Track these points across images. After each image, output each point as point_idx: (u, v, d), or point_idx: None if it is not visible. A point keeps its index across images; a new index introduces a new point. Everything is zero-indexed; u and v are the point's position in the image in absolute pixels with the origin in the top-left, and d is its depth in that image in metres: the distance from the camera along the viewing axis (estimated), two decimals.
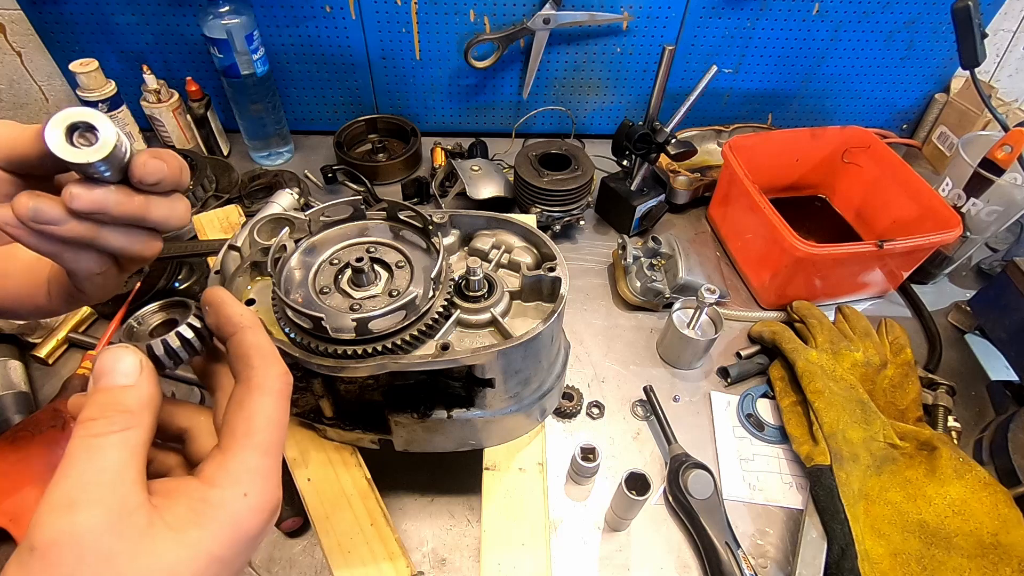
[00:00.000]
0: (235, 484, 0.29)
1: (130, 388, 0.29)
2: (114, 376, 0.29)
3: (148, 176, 0.36)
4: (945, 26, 1.09)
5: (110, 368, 0.29)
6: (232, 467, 0.29)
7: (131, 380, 0.29)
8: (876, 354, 0.80)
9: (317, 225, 0.57)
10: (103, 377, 0.29)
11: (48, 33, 1.06)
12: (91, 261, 0.40)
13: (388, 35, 1.08)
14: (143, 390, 0.29)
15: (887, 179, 0.95)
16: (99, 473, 0.26)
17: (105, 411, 0.28)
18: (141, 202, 0.37)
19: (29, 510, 0.61)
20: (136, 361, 0.29)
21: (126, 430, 0.27)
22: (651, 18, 1.07)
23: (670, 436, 0.73)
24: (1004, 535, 0.62)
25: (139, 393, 0.29)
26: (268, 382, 0.32)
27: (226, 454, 0.29)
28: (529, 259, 0.60)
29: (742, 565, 0.61)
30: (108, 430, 0.27)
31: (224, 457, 0.29)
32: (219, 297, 0.34)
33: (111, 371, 0.29)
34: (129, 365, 0.29)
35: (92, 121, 0.34)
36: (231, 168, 1.06)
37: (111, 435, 0.27)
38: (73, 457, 0.26)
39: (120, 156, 0.35)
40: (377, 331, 0.49)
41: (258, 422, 0.30)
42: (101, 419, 0.27)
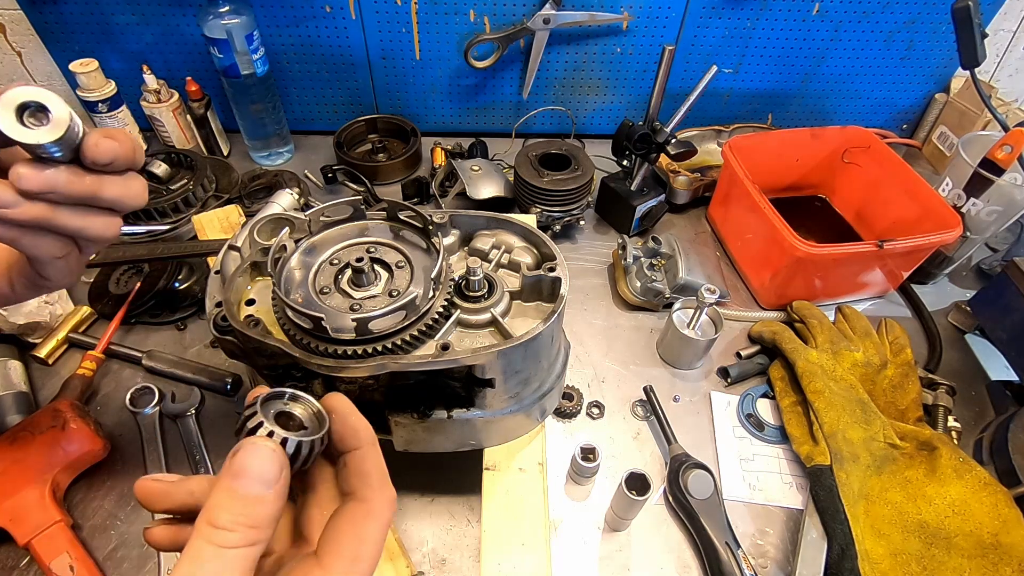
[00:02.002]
0: None
1: (267, 503, 0.27)
2: (254, 483, 0.27)
3: (101, 156, 0.36)
4: (945, 26, 1.09)
5: (253, 471, 0.27)
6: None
7: (269, 491, 0.27)
8: (876, 354, 0.80)
9: (317, 225, 0.57)
10: (243, 478, 0.27)
11: (48, 33, 1.06)
12: (50, 244, 0.39)
13: (388, 35, 1.08)
14: (276, 506, 0.27)
15: (887, 179, 0.95)
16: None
17: (239, 523, 0.26)
18: (93, 181, 0.36)
19: (29, 510, 0.61)
20: (279, 471, 0.27)
21: (253, 546, 0.26)
22: (651, 18, 1.07)
23: (670, 436, 0.73)
24: (1004, 535, 0.62)
25: (273, 510, 0.27)
26: (384, 508, 0.31)
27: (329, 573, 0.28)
28: (529, 259, 0.60)
29: (742, 565, 0.61)
30: (239, 544, 0.26)
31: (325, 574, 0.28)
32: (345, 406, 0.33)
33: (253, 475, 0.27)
34: (272, 474, 0.27)
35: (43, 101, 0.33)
36: (231, 168, 1.06)
37: (240, 549, 0.26)
38: (202, 560, 0.25)
39: (73, 136, 0.34)
40: (377, 331, 0.49)
41: (367, 549, 0.29)
42: (235, 532, 0.26)
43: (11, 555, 0.63)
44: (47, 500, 0.62)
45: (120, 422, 0.75)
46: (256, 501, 0.27)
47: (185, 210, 0.96)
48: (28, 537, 0.60)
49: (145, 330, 0.85)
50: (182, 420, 0.75)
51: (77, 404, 0.69)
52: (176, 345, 0.84)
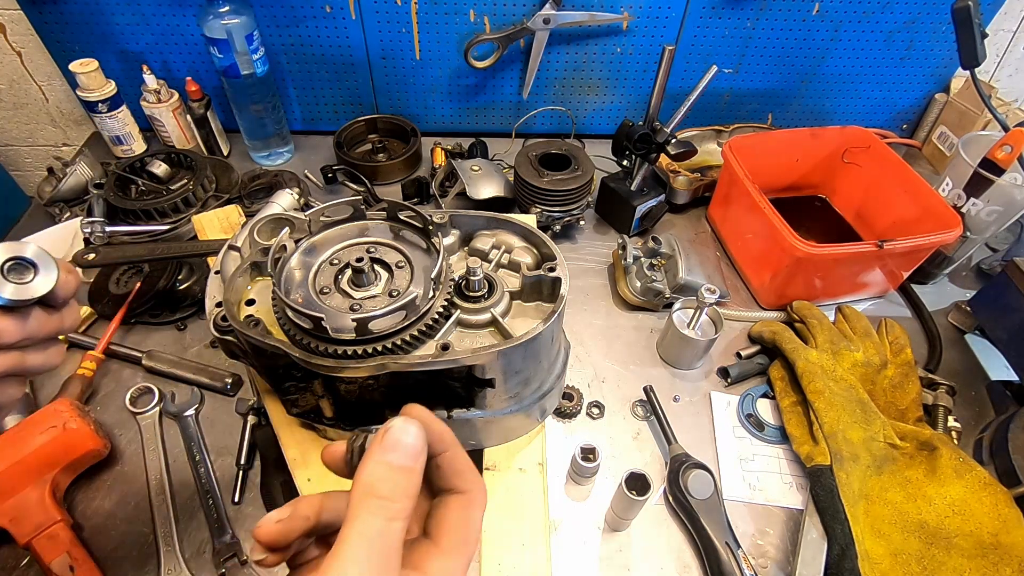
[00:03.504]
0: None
1: (416, 474, 0.29)
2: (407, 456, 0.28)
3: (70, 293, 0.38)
4: (945, 26, 1.09)
5: (406, 445, 0.28)
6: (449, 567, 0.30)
7: (417, 466, 0.29)
8: (876, 354, 0.80)
9: (317, 225, 0.57)
10: (398, 451, 0.28)
11: (48, 33, 1.06)
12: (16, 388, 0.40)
13: (388, 35, 1.08)
14: (420, 480, 0.29)
15: (887, 179, 0.95)
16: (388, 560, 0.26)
17: (399, 494, 0.27)
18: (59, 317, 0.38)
19: (29, 510, 0.61)
20: (423, 442, 0.29)
21: (407, 520, 0.28)
22: (651, 18, 1.07)
23: (670, 436, 0.73)
24: (1004, 535, 0.62)
25: (419, 482, 0.29)
26: (482, 497, 0.33)
27: (446, 554, 0.30)
28: (529, 259, 0.60)
29: (742, 565, 0.61)
30: (401, 516, 0.27)
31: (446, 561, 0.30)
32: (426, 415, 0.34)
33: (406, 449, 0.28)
34: (419, 447, 0.29)
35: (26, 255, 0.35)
36: (231, 168, 1.06)
37: (401, 522, 0.27)
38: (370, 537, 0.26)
39: None
40: (377, 331, 0.49)
41: (473, 533, 0.31)
42: (399, 504, 0.27)
43: (11, 555, 0.63)
44: (47, 500, 0.62)
45: (120, 422, 0.75)
46: (409, 472, 0.28)
47: (185, 210, 0.96)
48: (28, 537, 0.60)
49: (145, 330, 0.85)
50: (182, 420, 0.75)
51: (77, 404, 0.69)
52: (176, 345, 0.84)
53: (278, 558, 0.32)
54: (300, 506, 0.32)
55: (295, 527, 0.31)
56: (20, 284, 0.35)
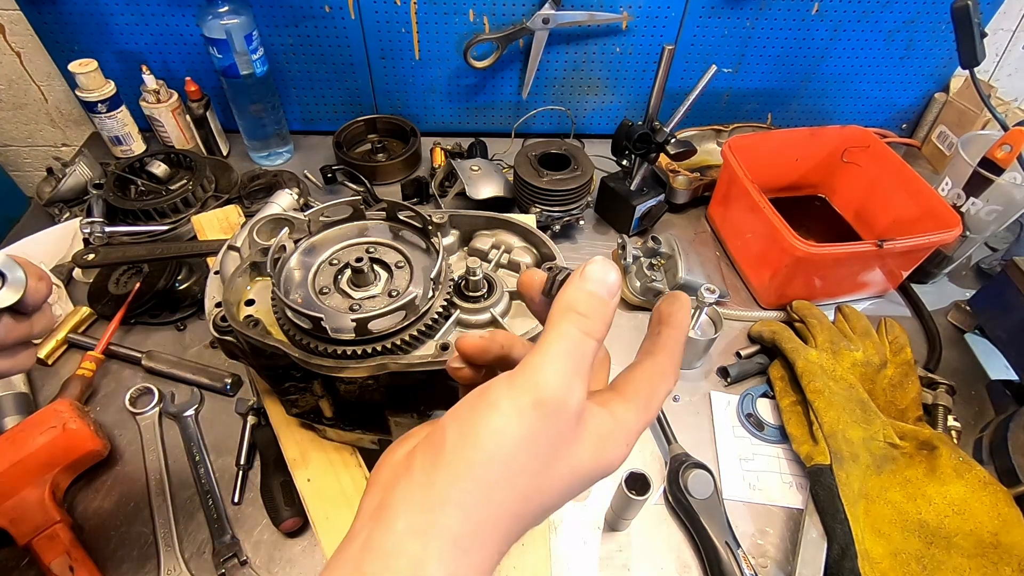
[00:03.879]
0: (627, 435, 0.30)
1: (611, 308, 0.29)
2: (603, 287, 0.28)
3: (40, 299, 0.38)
4: (945, 26, 1.09)
5: (601, 278, 0.29)
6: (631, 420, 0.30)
7: (612, 299, 0.29)
8: (876, 354, 0.80)
9: (317, 225, 0.57)
10: (595, 283, 0.29)
11: (48, 33, 1.06)
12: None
13: (388, 35, 1.08)
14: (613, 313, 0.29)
15: (887, 179, 0.95)
16: (583, 367, 0.27)
17: (596, 315, 0.28)
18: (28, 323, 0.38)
19: (29, 510, 0.61)
20: (619, 283, 0.30)
21: (599, 342, 0.28)
22: (651, 18, 1.07)
23: (670, 436, 0.73)
24: (1004, 535, 0.62)
25: (612, 314, 0.29)
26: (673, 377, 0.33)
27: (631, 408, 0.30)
28: (529, 259, 0.60)
29: (742, 565, 0.61)
30: (595, 335, 0.28)
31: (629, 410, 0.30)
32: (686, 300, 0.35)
33: (602, 280, 0.29)
34: (615, 285, 0.29)
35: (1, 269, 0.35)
36: (231, 168, 1.06)
37: (594, 340, 0.28)
38: (571, 340, 0.27)
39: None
40: (377, 331, 0.49)
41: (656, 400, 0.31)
42: (595, 321, 0.28)
43: (11, 555, 0.63)
44: (47, 500, 0.62)
45: (120, 422, 0.75)
46: (605, 302, 0.28)
47: (185, 210, 0.96)
48: (28, 537, 0.60)
49: (145, 330, 0.85)
50: (182, 420, 0.75)
51: (77, 404, 0.69)
52: (176, 345, 0.84)
53: (470, 373, 0.33)
54: (497, 335, 0.33)
55: (492, 348, 0.33)
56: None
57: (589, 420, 0.28)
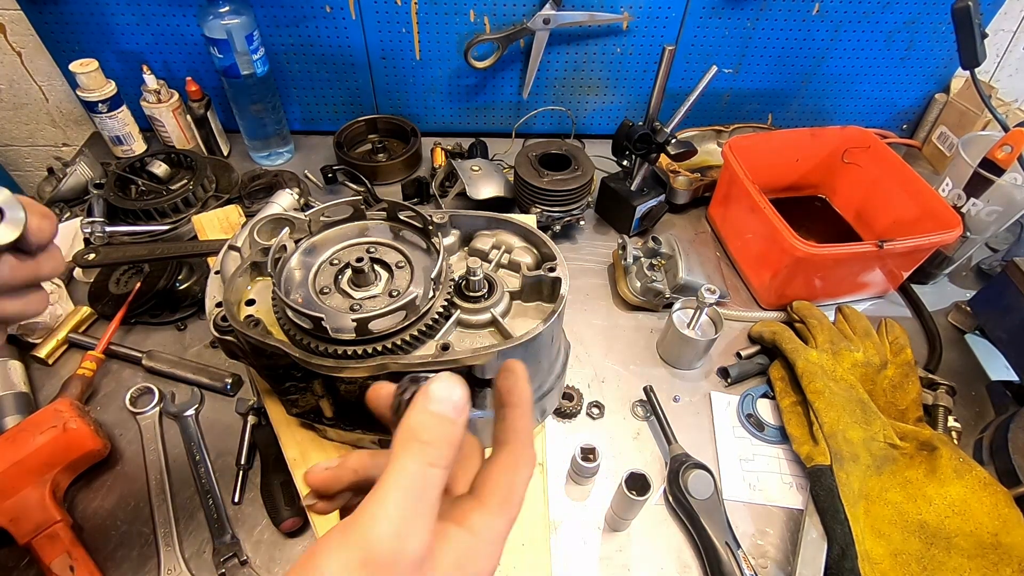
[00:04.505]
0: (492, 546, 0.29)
1: (459, 426, 0.28)
2: (449, 407, 0.28)
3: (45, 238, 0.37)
4: (945, 26, 1.09)
5: (446, 396, 0.28)
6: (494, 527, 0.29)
7: (459, 419, 0.28)
8: (876, 354, 0.80)
9: (317, 225, 0.57)
10: (441, 403, 0.28)
11: (48, 33, 1.06)
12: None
13: (388, 35, 1.08)
14: (463, 432, 0.29)
15: (887, 179, 0.95)
16: (426, 504, 0.26)
17: (442, 442, 0.27)
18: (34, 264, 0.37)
19: (29, 510, 0.61)
20: (466, 399, 0.29)
21: (446, 469, 0.27)
22: (651, 18, 1.07)
23: (670, 436, 0.73)
24: (1004, 535, 0.62)
25: (462, 434, 0.29)
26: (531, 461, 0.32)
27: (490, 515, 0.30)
28: (529, 259, 0.60)
29: (742, 565, 0.61)
30: (440, 463, 0.27)
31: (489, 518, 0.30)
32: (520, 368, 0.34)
33: (446, 400, 0.28)
34: (461, 402, 0.29)
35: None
36: (231, 168, 1.06)
37: (440, 469, 0.27)
38: (411, 477, 0.26)
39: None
40: (377, 331, 0.49)
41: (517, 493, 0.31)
42: (440, 449, 0.27)
43: (11, 555, 0.63)
44: (47, 500, 0.62)
45: (120, 422, 0.75)
46: (452, 423, 0.28)
47: (185, 210, 0.96)
48: (28, 537, 0.60)
49: (145, 330, 0.85)
50: (182, 420, 0.75)
51: (77, 404, 0.69)
52: (176, 345, 0.84)
53: (326, 505, 0.32)
54: (349, 459, 0.33)
55: (343, 476, 0.32)
56: None
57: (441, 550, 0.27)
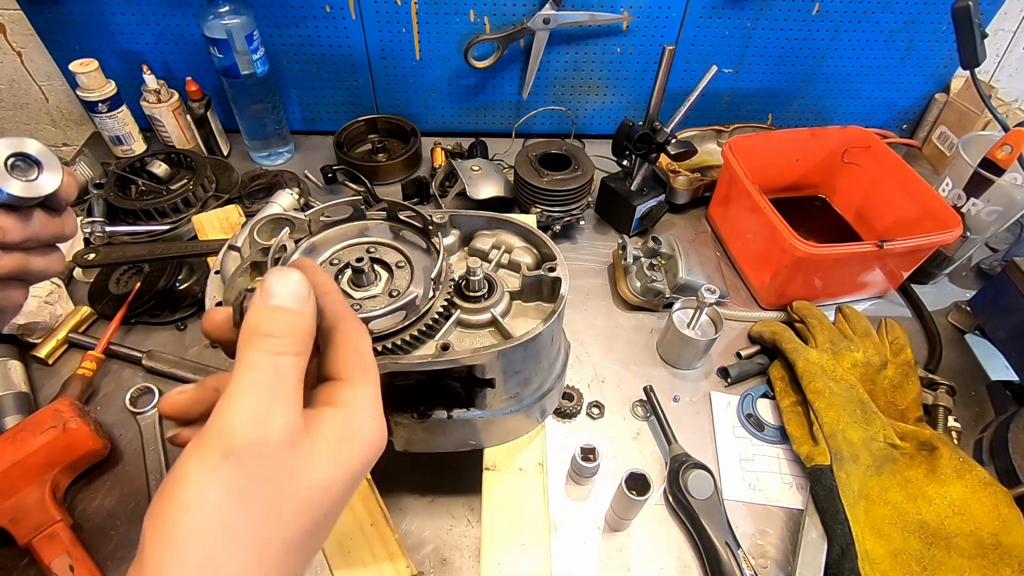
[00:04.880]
0: (369, 410, 0.30)
1: (304, 315, 0.28)
2: (286, 298, 0.28)
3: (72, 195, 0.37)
4: (945, 26, 1.09)
5: (282, 290, 0.28)
6: (362, 395, 0.30)
7: (302, 306, 0.28)
8: (876, 354, 0.80)
9: (317, 225, 0.57)
10: (277, 297, 0.28)
11: (48, 33, 1.06)
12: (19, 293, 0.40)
13: (388, 35, 1.08)
14: (312, 321, 0.29)
15: (887, 179, 0.95)
16: (282, 390, 0.26)
17: (284, 331, 0.27)
18: (60, 220, 0.38)
19: (29, 510, 0.61)
20: (307, 288, 0.29)
21: (299, 355, 0.27)
22: (651, 18, 1.07)
23: (670, 436, 0.73)
24: (1004, 535, 0.62)
25: (310, 323, 0.29)
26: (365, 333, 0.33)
27: (355, 386, 0.30)
28: (529, 259, 0.60)
29: (742, 565, 0.61)
30: (289, 351, 0.27)
31: (354, 388, 0.30)
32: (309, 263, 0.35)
33: (282, 292, 0.28)
34: (303, 291, 0.28)
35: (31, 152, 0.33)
36: (231, 168, 1.06)
37: (290, 356, 0.27)
38: (259, 369, 0.26)
39: None
40: (377, 331, 0.49)
41: (369, 360, 0.32)
42: (283, 338, 0.27)
43: (11, 555, 0.63)
44: (47, 500, 0.62)
45: (120, 422, 0.75)
46: (295, 313, 0.28)
47: (185, 210, 0.96)
48: (28, 537, 0.60)
49: (145, 330, 0.85)
50: None
51: (77, 404, 0.69)
52: (176, 345, 0.84)
53: (191, 432, 0.31)
54: (208, 380, 0.32)
55: (204, 397, 0.31)
56: (27, 181, 0.34)
57: (317, 428, 0.27)
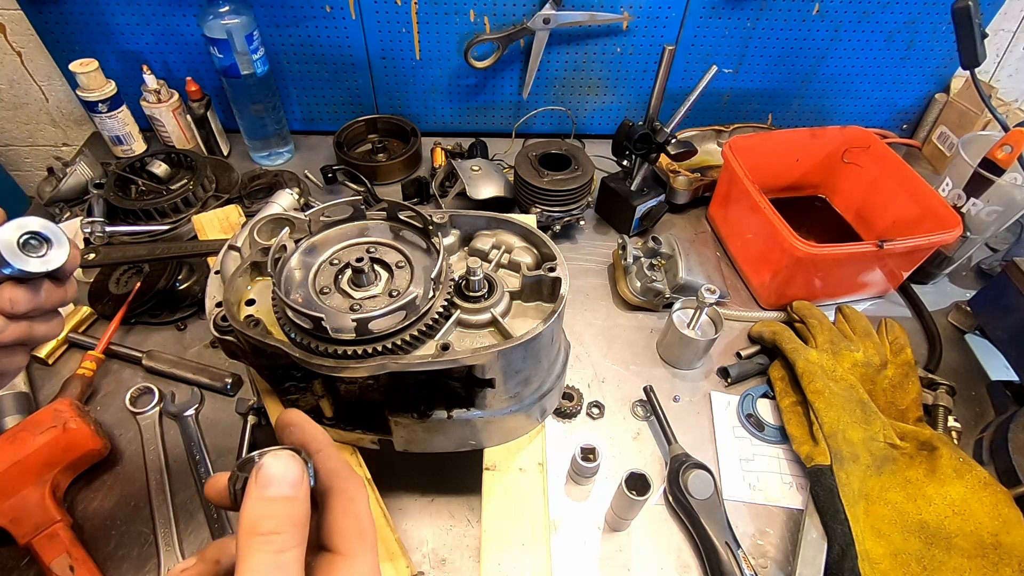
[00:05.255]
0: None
1: (300, 501, 0.29)
2: (285, 486, 0.28)
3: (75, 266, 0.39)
4: (945, 26, 1.09)
5: (282, 477, 0.28)
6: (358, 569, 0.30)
7: (299, 493, 0.29)
8: (876, 354, 0.80)
9: (317, 225, 0.57)
10: (274, 486, 0.28)
11: (48, 33, 1.06)
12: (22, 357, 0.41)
13: (388, 35, 1.08)
14: (307, 505, 0.29)
15: (887, 179, 0.95)
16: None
17: (285, 525, 0.28)
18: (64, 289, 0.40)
19: (29, 510, 0.61)
20: (301, 472, 0.29)
21: (299, 546, 0.28)
22: (651, 18, 1.07)
23: (670, 436, 0.73)
24: (1004, 535, 0.62)
25: (306, 508, 0.29)
26: (361, 491, 0.33)
27: (353, 560, 0.30)
28: (529, 259, 0.60)
29: (742, 565, 0.61)
30: (290, 546, 0.27)
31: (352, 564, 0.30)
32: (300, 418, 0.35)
33: (283, 481, 0.28)
34: (296, 474, 0.29)
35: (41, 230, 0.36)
36: (231, 168, 1.06)
37: (292, 551, 0.27)
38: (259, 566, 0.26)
39: None
40: (377, 331, 0.49)
41: (365, 526, 0.32)
42: (285, 534, 0.27)
43: (11, 555, 0.63)
44: (47, 500, 0.62)
45: (120, 422, 0.75)
46: (291, 501, 0.28)
47: (185, 210, 0.96)
48: (28, 537, 0.60)
49: (145, 330, 0.85)
50: (182, 420, 0.75)
51: (77, 404, 0.69)
52: (176, 345, 0.84)
53: None
54: (208, 551, 0.32)
55: (207, 572, 0.31)
56: (38, 257, 0.36)
57: None
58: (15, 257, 0.35)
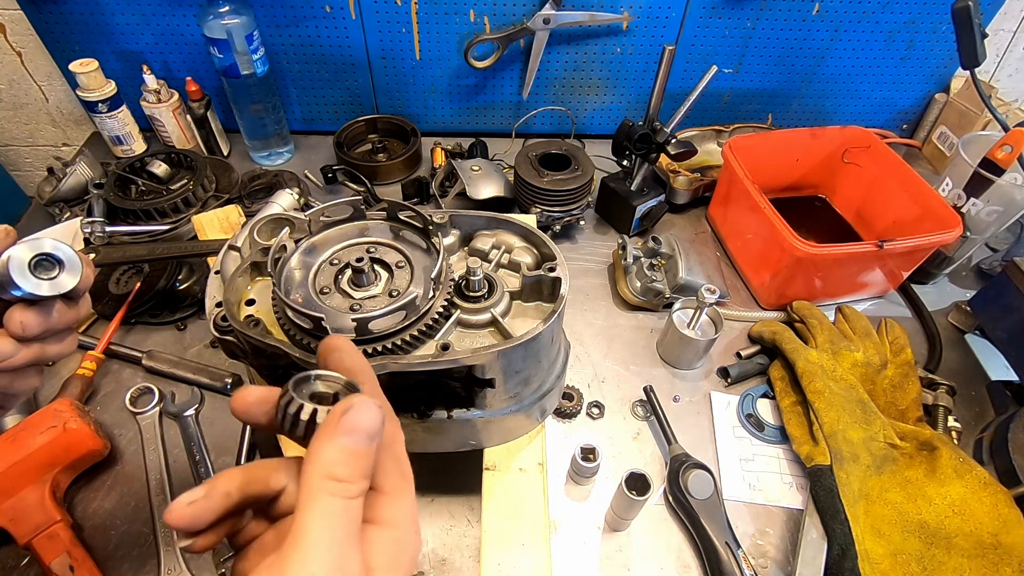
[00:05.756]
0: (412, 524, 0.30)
1: (372, 455, 0.28)
2: (365, 438, 0.28)
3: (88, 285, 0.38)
4: (945, 26, 1.09)
5: (364, 426, 0.28)
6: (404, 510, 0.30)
7: (373, 445, 0.28)
8: (876, 354, 0.80)
9: (317, 225, 0.57)
10: (356, 434, 0.28)
11: (48, 33, 1.06)
12: (35, 378, 0.41)
13: (388, 35, 1.08)
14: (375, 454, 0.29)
15: (887, 179, 0.95)
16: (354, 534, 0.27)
17: (357, 476, 0.27)
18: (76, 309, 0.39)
19: (29, 510, 0.61)
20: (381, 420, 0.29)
21: (364, 493, 0.28)
22: (651, 18, 1.07)
23: (670, 436, 0.73)
24: (1004, 535, 0.62)
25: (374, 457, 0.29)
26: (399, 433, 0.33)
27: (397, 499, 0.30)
28: (529, 259, 0.60)
29: (742, 565, 0.61)
30: (359, 494, 0.27)
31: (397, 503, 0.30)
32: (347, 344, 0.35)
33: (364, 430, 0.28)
34: (377, 430, 0.28)
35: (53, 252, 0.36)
36: (231, 168, 1.06)
37: (360, 498, 0.27)
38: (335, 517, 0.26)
39: None
40: (377, 331, 0.49)
41: (406, 465, 0.32)
42: (356, 484, 0.27)
43: (11, 555, 0.63)
44: (47, 500, 0.62)
45: (120, 422, 0.75)
46: (367, 455, 0.28)
47: (185, 210, 0.96)
48: (28, 537, 0.60)
49: (145, 330, 0.85)
50: (182, 420, 0.75)
51: (77, 404, 0.69)
52: (176, 345, 0.84)
53: (207, 540, 0.30)
54: (219, 482, 0.30)
55: (214, 505, 0.30)
56: (51, 280, 0.36)
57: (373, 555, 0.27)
58: (26, 280, 0.34)
